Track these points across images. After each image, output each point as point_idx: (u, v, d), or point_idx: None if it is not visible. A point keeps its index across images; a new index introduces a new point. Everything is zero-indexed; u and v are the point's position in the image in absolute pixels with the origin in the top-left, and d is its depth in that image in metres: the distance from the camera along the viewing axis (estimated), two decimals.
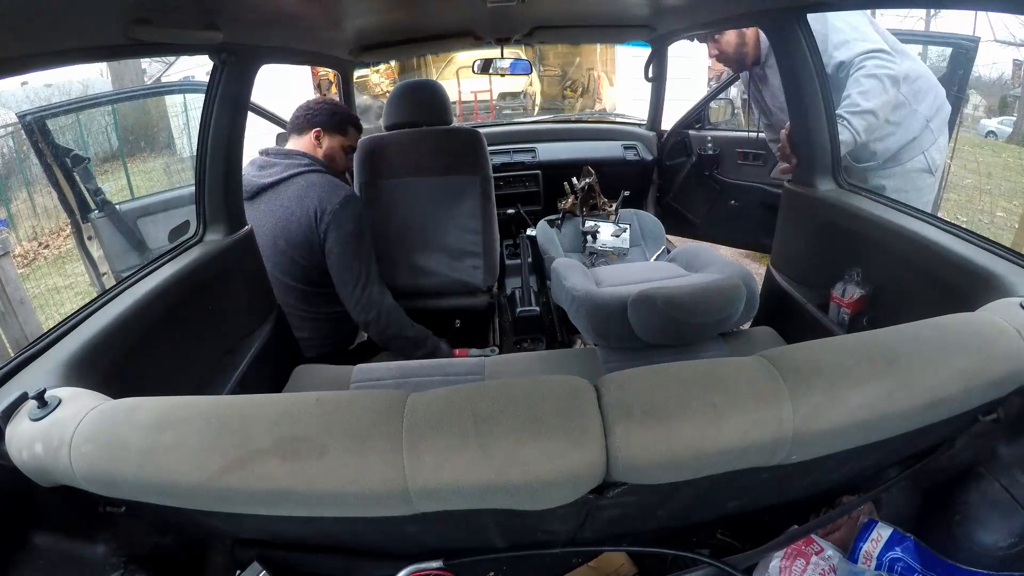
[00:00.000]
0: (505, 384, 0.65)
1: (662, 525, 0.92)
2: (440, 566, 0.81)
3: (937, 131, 1.71)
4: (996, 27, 5.84)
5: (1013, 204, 5.07)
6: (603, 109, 7.76)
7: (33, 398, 0.70)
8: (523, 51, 4.57)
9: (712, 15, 1.64)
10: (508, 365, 1.39)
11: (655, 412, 0.62)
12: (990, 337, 0.72)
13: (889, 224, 1.24)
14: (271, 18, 1.21)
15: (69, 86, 7.55)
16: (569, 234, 2.17)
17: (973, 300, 0.88)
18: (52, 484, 0.69)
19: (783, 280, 1.62)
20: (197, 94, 4.36)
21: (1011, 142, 7.04)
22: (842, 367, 0.66)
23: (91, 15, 0.81)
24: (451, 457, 0.59)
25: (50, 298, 4.36)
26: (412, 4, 1.49)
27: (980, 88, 7.46)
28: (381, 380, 1.33)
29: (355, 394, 0.66)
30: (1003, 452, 0.86)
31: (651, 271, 1.80)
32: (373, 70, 7.58)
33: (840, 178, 1.47)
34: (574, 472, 0.60)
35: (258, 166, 1.66)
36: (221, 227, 1.37)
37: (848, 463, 0.79)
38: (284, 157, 1.65)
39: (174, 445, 0.62)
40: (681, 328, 1.27)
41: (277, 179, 1.62)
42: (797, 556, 0.84)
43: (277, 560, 0.86)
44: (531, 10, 1.70)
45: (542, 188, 2.65)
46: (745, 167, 2.44)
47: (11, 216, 5.58)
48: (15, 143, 6.06)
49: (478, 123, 3.94)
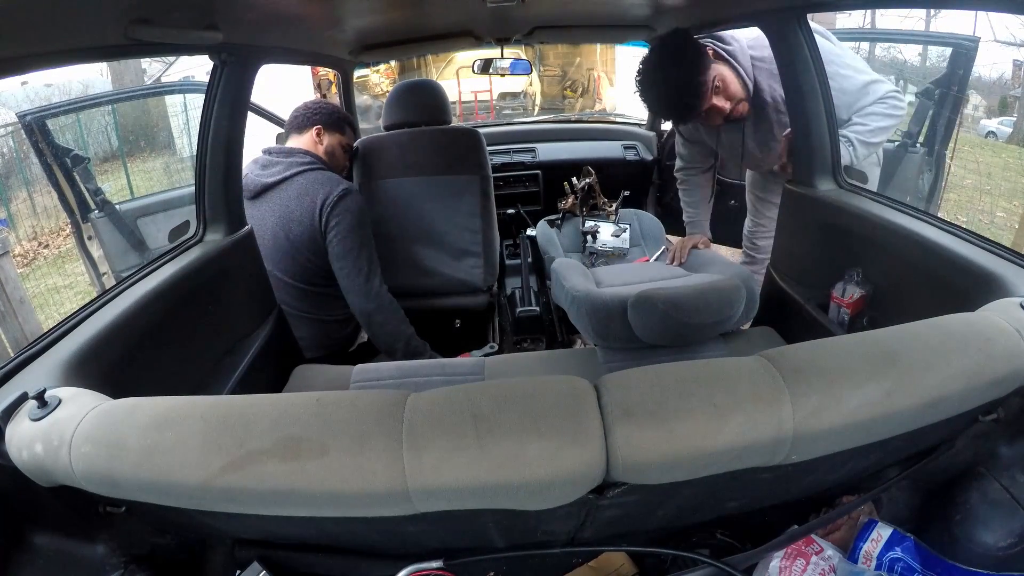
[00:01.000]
0: (505, 384, 0.65)
1: (662, 525, 0.92)
2: (440, 566, 0.81)
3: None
4: (996, 27, 5.85)
5: (1013, 204, 5.07)
6: (603, 109, 7.76)
7: (33, 398, 0.70)
8: (523, 51, 4.57)
9: (712, 15, 1.64)
10: (508, 365, 1.39)
11: (655, 412, 0.62)
12: (990, 337, 0.72)
13: (889, 224, 1.24)
14: (271, 18, 1.22)
15: (69, 86, 7.54)
16: (569, 234, 2.17)
17: (973, 300, 0.88)
18: (52, 484, 0.69)
19: (783, 280, 1.62)
20: (197, 94, 4.36)
21: (1011, 142, 7.03)
22: (842, 367, 0.66)
23: (91, 15, 0.81)
24: (451, 457, 0.59)
25: (50, 298, 4.36)
26: (412, 4, 1.49)
27: (980, 88, 7.45)
28: (381, 380, 1.33)
29: (355, 394, 0.66)
30: (1003, 452, 0.86)
31: (651, 271, 1.80)
32: (373, 70, 7.58)
33: (840, 178, 1.47)
34: (574, 472, 0.60)
35: (261, 165, 1.67)
36: (221, 227, 1.37)
37: (848, 463, 0.79)
38: (286, 156, 1.66)
39: (174, 445, 0.62)
40: (681, 328, 1.27)
41: (280, 178, 1.62)
42: (797, 556, 0.84)
43: (277, 560, 0.86)
44: (531, 10, 1.70)
45: (542, 188, 2.65)
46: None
47: (11, 216, 5.57)
48: (15, 143, 6.06)
49: (478, 123, 3.94)
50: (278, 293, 1.60)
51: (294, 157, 1.65)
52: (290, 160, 1.65)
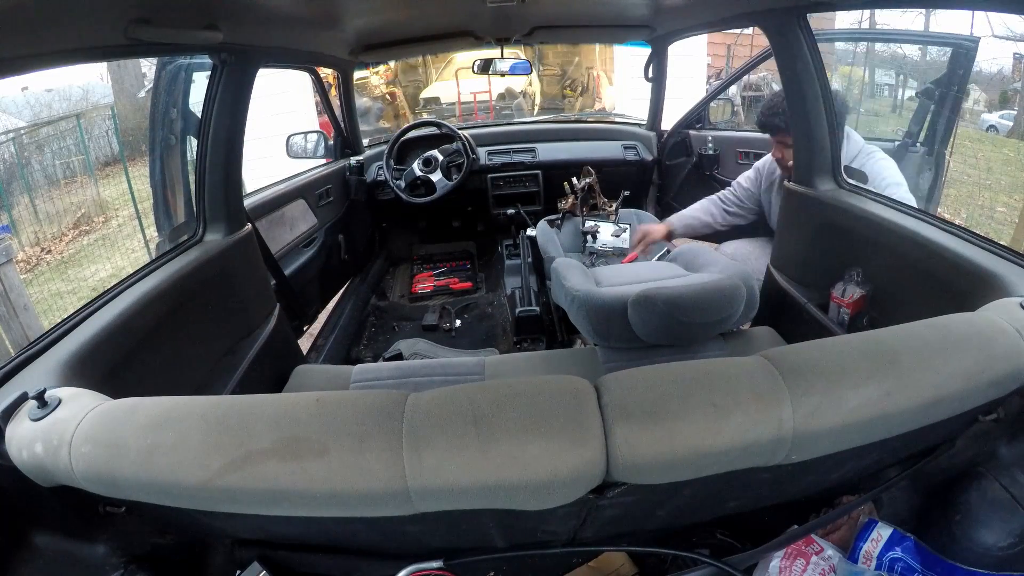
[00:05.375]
0: (505, 384, 0.65)
1: (662, 525, 0.92)
2: (440, 566, 0.81)
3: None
4: (994, 24, 5.83)
5: (1013, 199, 5.04)
6: (603, 108, 7.74)
7: (33, 398, 0.70)
8: (523, 51, 4.57)
9: (712, 15, 1.64)
10: (508, 365, 1.39)
11: (655, 412, 0.62)
12: (990, 337, 0.72)
13: (889, 224, 1.23)
14: (271, 18, 1.22)
15: (69, 90, 7.56)
16: (569, 234, 2.17)
17: (973, 300, 0.88)
18: (52, 484, 0.69)
19: (783, 280, 1.62)
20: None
21: (1011, 136, 7.01)
22: (842, 367, 0.66)
23: (91, 15, 0.81)
24: (451, 457, 0.59)
25: (53, 303, 4.36)
26: (412, 4, 1.49)
27: (981, 83, 7.43)
28: (381, 380, 1.33)
29: (355, 394, 0.66)
30: (1003, 452, 0.86)
31: (651, 271, 1.79)
32: (373, 71, 7.57)
33: (840, 178, 1.47)
34: (574, 472, 0.60)
35: None
36: (221, 227, 1.37)
37: (848, 463, 0.79)
38: None
39: (174, 445, 0.62)
40: (681, 328, 1.27)
41: None
42: (797, 556, 0.84)
43: (277, 560, 0.86)
44: (531, 10, 1.70)
45: (542, 188, 2.65)
46: (745, 167, 2.44)
47: (13, 222, 5.58)
48: (16, 148, 6.06)
49: (478, 123, 3.94)
50: None
51: None
52: None
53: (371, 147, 2.73)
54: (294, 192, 2.02)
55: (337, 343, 2.20)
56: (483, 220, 2.85)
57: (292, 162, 2.40)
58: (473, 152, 2.52)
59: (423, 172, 2.47)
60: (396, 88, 7.88)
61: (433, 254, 3.01)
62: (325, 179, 2.28)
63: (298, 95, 5.51)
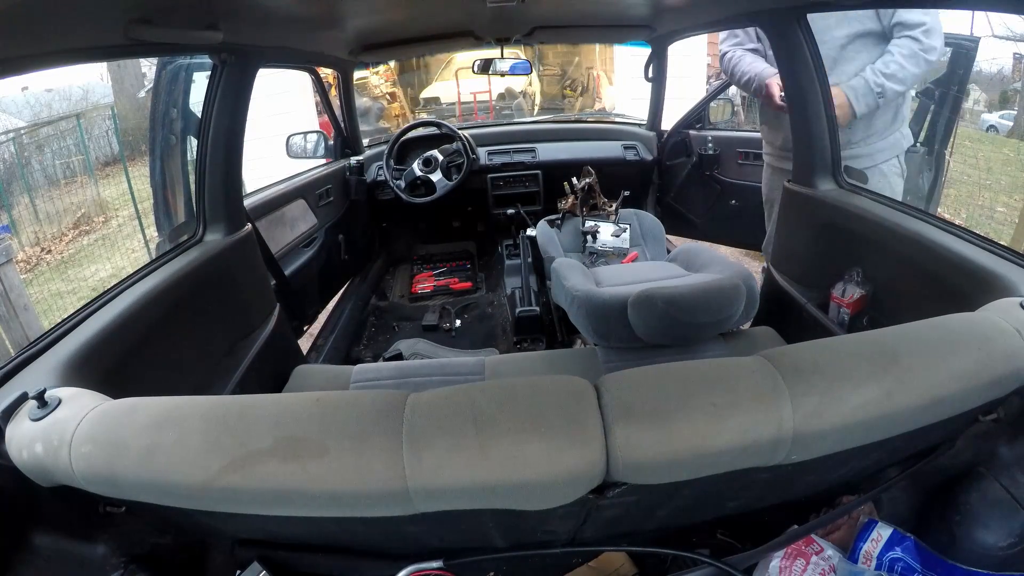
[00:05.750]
0: (505, 384, 0.65)
1: (662, 525, 0.92)
2: (440, 566, 0.81)
3: (905, 138, 1.72)
4: (994, 24, 5.83)
5: (1013, 199, 5.03)
6: (603, 108, 7.74)
7: (33, 398, 0.70)
8: (523, 51, 4.57)
9: (712, 15, 1.64)
10: (508, 365, 1.39)
11: (655, 412, 0.62)
12: (990, 337, 0.72)
13: (889, 224, 1.23)
14: (271, 18, 1.22)
15: (69, 90, 7.56)
16: (569, 234, 2.17)
17: (973, 300, 0.88)
18: (52, 484, 0.69)
19: (783, 280, 1.62)
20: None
21: (1011, 136, 7.00)
22: (842, 367, 0.66)
23: (91, 15, 0.81)
24: (451, 457, 0.59)
25: (53, 303, 4.36)
26: (412, 4, 1.49)
27: (981, 83, 7.42)
28: (381, 380, 1.33)
29: (355, 394, 0.66)
30: (1003, 452, 0.86)
31: (651, 271, 1.80)
32: (373, 71, 7.58)
33: (840, 178, 1.47)
34: (574, 472, 0.60)
35: None
36: (221, 227, 1.37)
37: (848, 463, 0.79)
38: None
39: (174, 445, 0.62)
40: (681, 328, 1.27)
41: None
42: (797, 556, 0.84)
43: (277, 560, 0.86)
44: (531, 10, 1.70)
45: (542, 188, 2.65)
46: (745, 167, 2.44)
47: (13, 222, 5.58)
48: (16, 148, 6.06)
49: (478, 123, 3.94)
50: None
51: None
52: None
53: (371, 147, 2.73)
54: (294, 192, 2.02)
55: (337, 343, 2.20)
56: (483, 220, 2.85)
57: (292, 162, 2.40)
58: (473, 152, 2.52)
59: (423, 172, 2.47)
60: (397, 88, 7.89)
61: (433, 254, 3.01)
62: (325, 179, 2.28)
63: (298, 95, 5.52)
